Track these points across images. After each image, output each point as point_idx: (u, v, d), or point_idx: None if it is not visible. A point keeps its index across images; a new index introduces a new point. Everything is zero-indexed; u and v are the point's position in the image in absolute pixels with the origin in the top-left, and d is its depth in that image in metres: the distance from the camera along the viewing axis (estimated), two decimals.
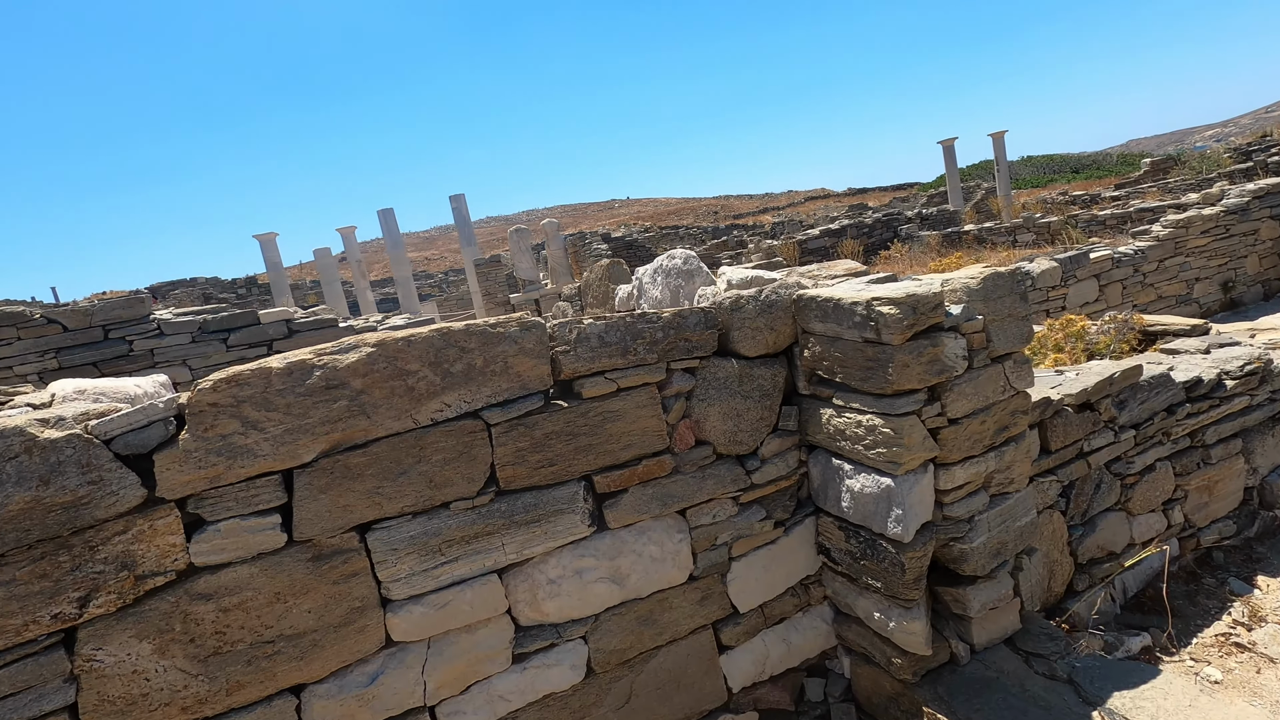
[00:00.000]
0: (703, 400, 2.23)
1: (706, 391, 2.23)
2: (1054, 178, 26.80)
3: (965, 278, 2.14)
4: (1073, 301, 8.71)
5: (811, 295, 2.20)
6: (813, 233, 19.50)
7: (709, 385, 2.23)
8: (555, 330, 2.06)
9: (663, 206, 72.48)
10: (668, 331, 2.15)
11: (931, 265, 13.38)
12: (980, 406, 2.11)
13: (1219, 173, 16.15)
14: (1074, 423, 2.94)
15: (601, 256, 17.57)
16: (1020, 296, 2.15)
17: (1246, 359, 3.45)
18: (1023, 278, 2.14)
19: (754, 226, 35.31)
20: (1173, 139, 55.40)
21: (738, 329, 2.27)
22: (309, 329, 6.62)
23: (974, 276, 2.12)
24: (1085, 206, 15.79)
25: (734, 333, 2.27)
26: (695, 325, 2.19)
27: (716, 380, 2.25)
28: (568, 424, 2.05)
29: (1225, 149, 18.65)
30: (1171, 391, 3.20)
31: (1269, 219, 9.72)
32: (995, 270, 2.11)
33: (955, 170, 20.89)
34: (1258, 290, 9.81)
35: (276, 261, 19.48)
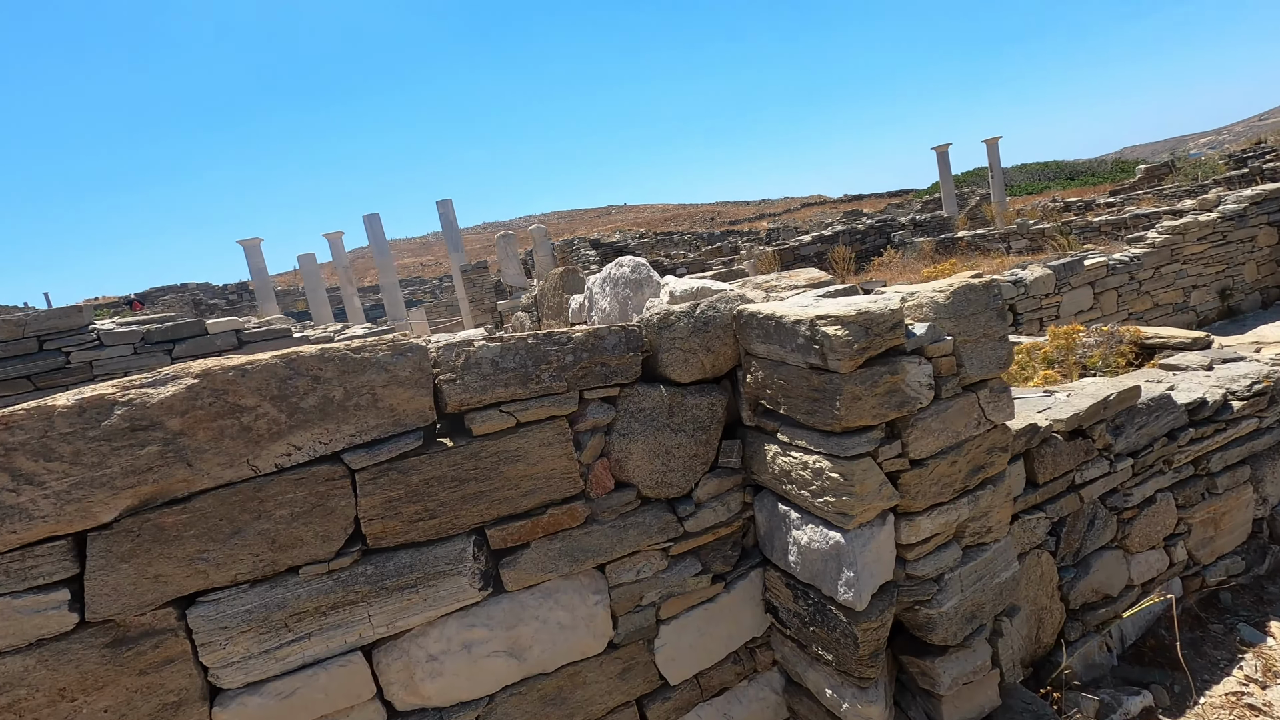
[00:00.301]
0: (624, 435, 1.88)
1: (629, 425, 1.89)
2: (1048, 184, 26.62)
3: (932, 291, 1.80)
4: (1066, 310, 8.41)
5: (752, 312, 1.86)
6: (805, 239, 19.24)
7: (632, 418, 1.89)
8: (439, 355, 1.72)
9: (659, 213, 72.47)
10: (580, 355, 1.81)
11: (924, 272, 13.09)
12: (949, 444, 1.77)
13: (1214, 179, 15.92)
14: (1064, 452, 2.61)
15: (589, 263, 17.25)
16: (997, 313, 1.81)
17: (1255, 377, 3.13)
18: (998, 291, 1.81)
19: (749, 233, 35.11)
20: (1167, 146, 55.47)
21: (667, 351, 1.92)
22: (260, 340, 6.27)
23: (942, 290, 1.78)
24: (1080, 213, 15.55)
25: (663, 355, 1.93)
26: (615, 347, 1.85)
27: (641, 412, 1.90)
28: (454, 467, 1.70)
29: (1220, 156, 18.44)
30: (1173, 415, 2.87)
31: (1266, 225, 9.46)
32: (967, 282, 1.77)
33: (949, 176, 20.66)
34: (1255, 298, 9.53)
35: (261, 267, 19.17)
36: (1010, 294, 8.00)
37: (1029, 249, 13.78)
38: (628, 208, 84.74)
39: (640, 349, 1.90)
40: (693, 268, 19.18)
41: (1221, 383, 3.15)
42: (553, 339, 1.79)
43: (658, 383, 1.95)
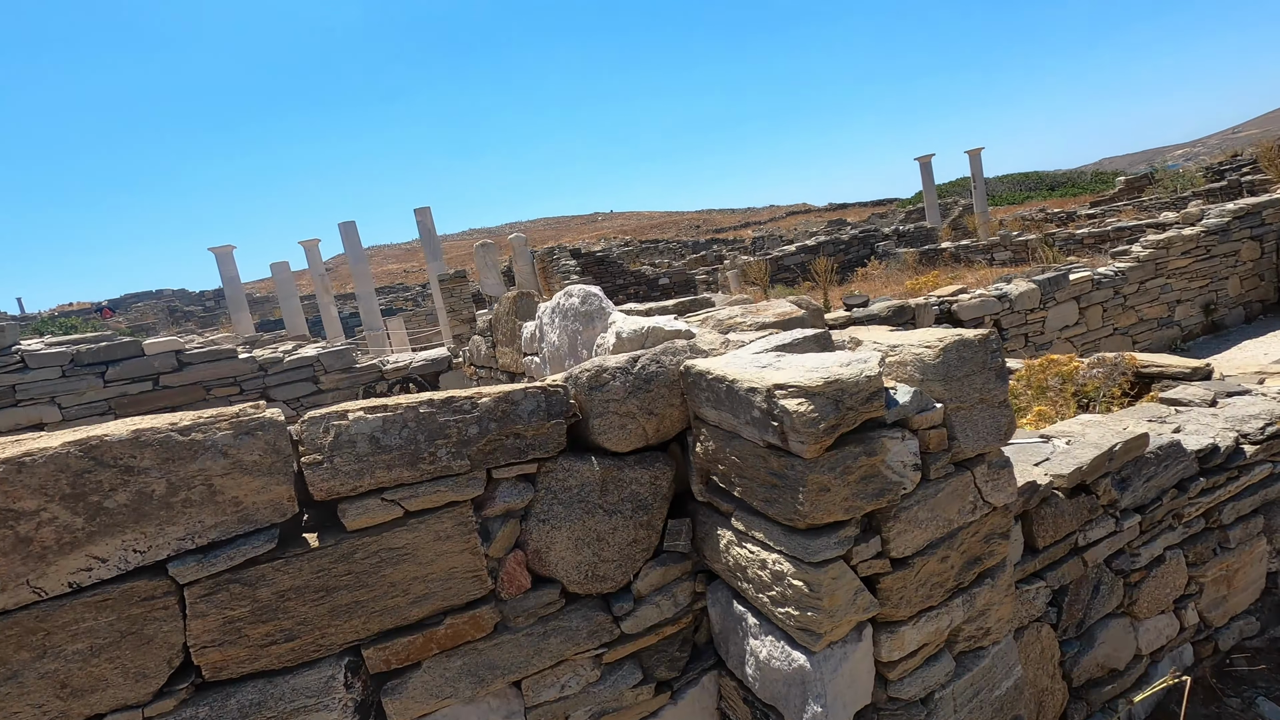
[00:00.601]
0: (546, 521, 1.54)
1: (551, 508, 1.54)
2: (1030, 195, 26.73)
3: (918, 347, 1.48)
4: (1052, 325, 8.22)
5: (700, 371, 1.53)
6: (789, 249, 19.07)
7: (555, 499, 1.55)
8: (303, 431, 1.36)
9: (645, 220, 72.56)
10: (487, 426, 1.46)
11: (908, 284, 12.91)
12: (940, 535, 1.45)
13: (1193, 191, 15.95)
14: (1066, 512, 2.30)
15: (570, 274, 16.91)
16: (995, 373, 1.49)
17: (1268, 418, 2.85)
18: (996, 346, 1.49)
19: (734, 241, 35.01)
20: (1144, 158, 56.38)
21: (600, 416, 1.58)
22: (203, 361, 5.85)
23: (929, 345, 1.46)
24: (1062, 224, 15.49)
25: (595, 421, 1.59)
26: (532, 415, 1.51)
27: (567, 491, 1.56)
28: (320, 573, 1.34)
29: (1198, 168, 18.53)
30: (1183, 464, 2.58)
31: (1249, 240, 9.35)
32: (959, 337, 1.45)
33: (933, 187, 20.59)
34: (1239, 313, 9.40)
35: (233, 275, 18.68)
36: (995, 308, 7.78)
37: (1012, 260, 13.66)
38: (614, 215, 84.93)
39: (565, 415, 1.56)
40: (674, 277, 18.90)
41: (1231, 424, 2.87)
42: (452, 406, 1.44)
43: (588, 454, 1.61)
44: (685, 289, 17.40)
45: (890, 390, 1.43)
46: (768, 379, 1.33)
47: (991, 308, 7.75)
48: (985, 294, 7.92)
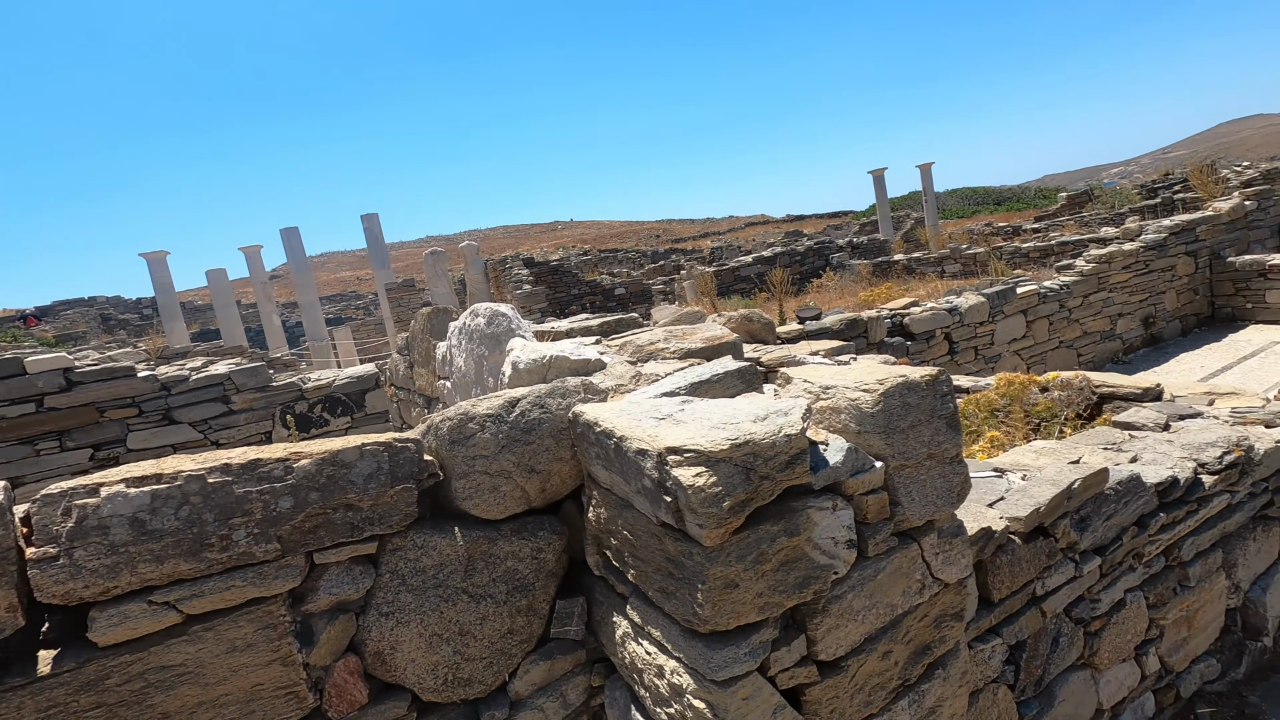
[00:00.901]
0: (389, 614, 1.20)
1: (397, 597, 1.21)
2: (978, 209, 27.46)
3: (855, 390, 1.20)
4: (1000, 338, 8.23)
5: (588, 421, 1.22)
6: (746, 260, 19.04)
7: (403, 585, 1.21)
8: (35, 514, 1.00)
9: (605, 229, 72.52)
10: (306, 496, 1.12)
11: (862, 295, 12.92)
12: (881, 626, 1.17)
13: (1129, 208, 16.51)
14: (1024, 559, 2.07)
15: (523, 283, 16.48)
16: (947, 422, 1.23)
17: (1225, 446, 2.70)
18: (947, 389, 1.23)
19: (693, 251, 35.03)
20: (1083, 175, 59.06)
21: (465, 477, 1.26)
22: (96, 380, 5.27)
23: (868, 388, 1.18)
24: (1008, 238, 15.82)
25: (459, 483, 1.26)
26: (371, 480, 1.18)
27: (420, 574, 1.23)
28: (51, 710, 0.98)
29: (1134, 185, 19.25)
30: (1143, 499, 2.39)
31: (1184, 255, 9.59)
32: (904, 380, 1.18)
33: (885, 200, 20.90)
34: (1176, 326, 9.63)
35: (167, 283, 17.71)
36: (945, 322, 7.73)
37: (962, 273, 13.84)
38: (574, 224, 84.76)
39: (418, 478, 1.23)
40: (631, 287, 18.65)
41: (1189, 452, 2.71)
42: (256, 472, 1.10)
43: (450, 523, 1.28)
44: (641, 299, 17.16)
45: (820, 446, 1.15)
46: (661, 438, 1.03)
47: (942, 321, 7.70)
48: (936, 307, 7.87)
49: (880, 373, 1.25)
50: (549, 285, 16.71)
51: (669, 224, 70.04)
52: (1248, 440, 2.77)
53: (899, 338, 7.61)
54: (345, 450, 1.16)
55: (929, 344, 7.71)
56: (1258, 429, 3.00)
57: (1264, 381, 6.96)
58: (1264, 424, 3.05)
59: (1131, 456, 2.69)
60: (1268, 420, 3.06)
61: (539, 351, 1.83)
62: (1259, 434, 2.92)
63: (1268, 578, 2.81)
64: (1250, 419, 3.11)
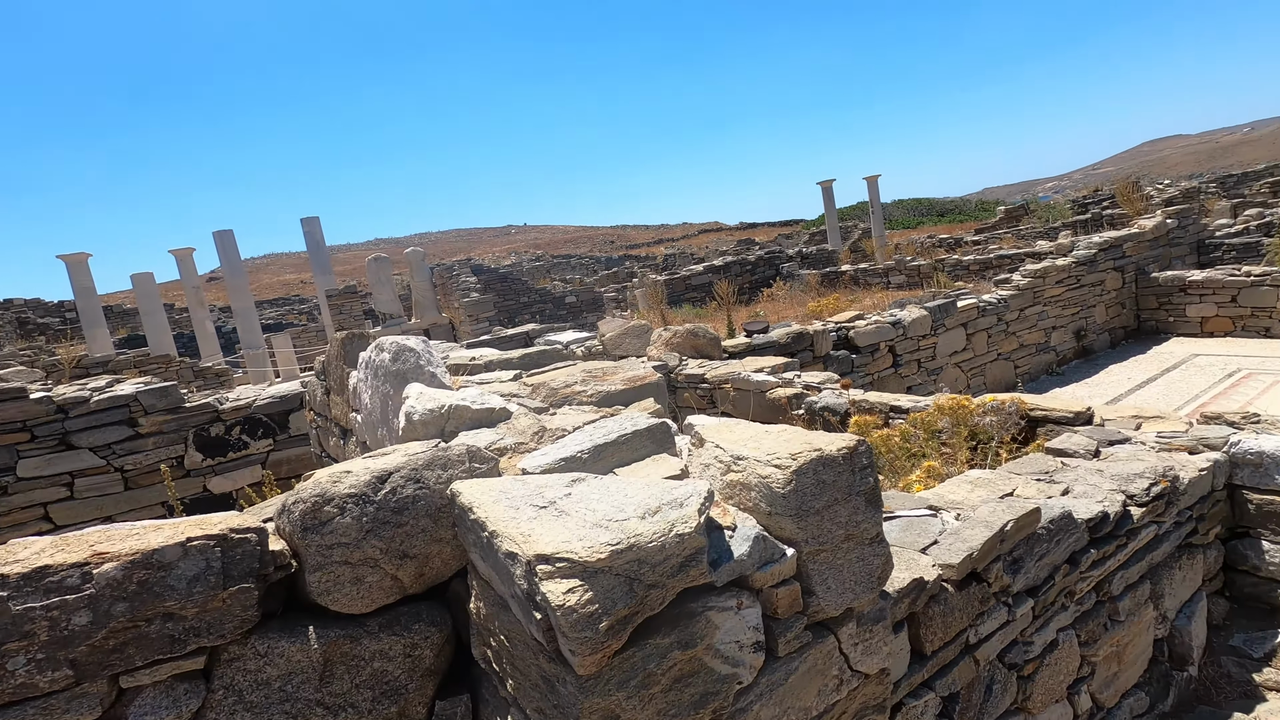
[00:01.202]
0: None
1: (231, 718, 1.02)
2: (922, 220, 28.30)
3: (766, 465, 1.08)
4: (942, 350, 8.39)
5: (464, 504, 1.07)
6: (697, 269, 19.08)
7: (238, 703, 1.02)
8: None
9: (560, 234, 72.04)
10: (109, 609, 0.92)
11: (810, 305, 13.06)
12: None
13: (1062, 222, 17.24)
14: (957, 607, 2.00)
15: (470, 291, 16.11)
16: (866, 499, 1.11)
17: (1152, 477, 2.71)
18: (867, 462, 1.12)
19: (647, 258, 35.04)
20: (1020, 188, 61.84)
21: (320, 569, 1.08)
22: None
23: (780, 464, 1.06)
24: (950, 250, 16.30)
25: (314, 575, 1.08)
26: (197, 582, 0.98)
27: (263, 686, 1.04)
28: None
29: (1066, 200, 20.16)
30: (1075, 535, 2.36)
31: (1112, 270, 9.99)
32: (819, 453, 1.07)
33: (834, 211, 21.28)
34: (1105, 338, 10.02)
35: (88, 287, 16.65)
36: (889, 335, 7.82)
37: (906, 284, 14.17)
38: (528, 228, 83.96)
39: (261, 574, 1.05)
40: (582, 295, 18.44)
41: (1117, 483, 2.71)
42: (44, 582, 0.90)
43: (305, 622, 1.10)
44: (593, 307, 16.99)
45: (726, 532, 1.02)
46: (534, 540, 0.87)
47: (886, 334, 7.79)
48: (880, 320, 7.96)
49: (794, 443, 1.13)
50: (498, 293, 16.38)
51: (624, 230, 70.13)
52: (1173, 470, 2.80)
53: (844, 350, 7.67)
54: (165, 549, 0.97)
55: (874, 357, 7.79)
56: (1182, 455, 3.04)
57: (1185, 394, 7.27)
58: (1188, 450, 3.10)
59: (1063, 488, 2.68)
60: (1191, 446, 3.11)
61: (436, 400, 1.65)
62: (1183, 461, 2.96)
63: (1192, 605, 2.84)
64: (1175, 445, 3.16)
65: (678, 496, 0.96)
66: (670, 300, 16.80)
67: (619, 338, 7.62)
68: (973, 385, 8.63)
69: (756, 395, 5.62)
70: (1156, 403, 7.06)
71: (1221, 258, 10.52)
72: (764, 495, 1.07)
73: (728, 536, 1.02)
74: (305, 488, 1.13)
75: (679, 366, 6.66)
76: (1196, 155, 78.07)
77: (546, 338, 9.95)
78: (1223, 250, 10.60)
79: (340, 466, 1.24)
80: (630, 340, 7.55)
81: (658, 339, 7.09)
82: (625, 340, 7.58)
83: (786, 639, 1.03)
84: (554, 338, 9.65)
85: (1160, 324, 9.83)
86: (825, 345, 7.52)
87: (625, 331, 7.67)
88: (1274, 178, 17.62)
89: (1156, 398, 7.32)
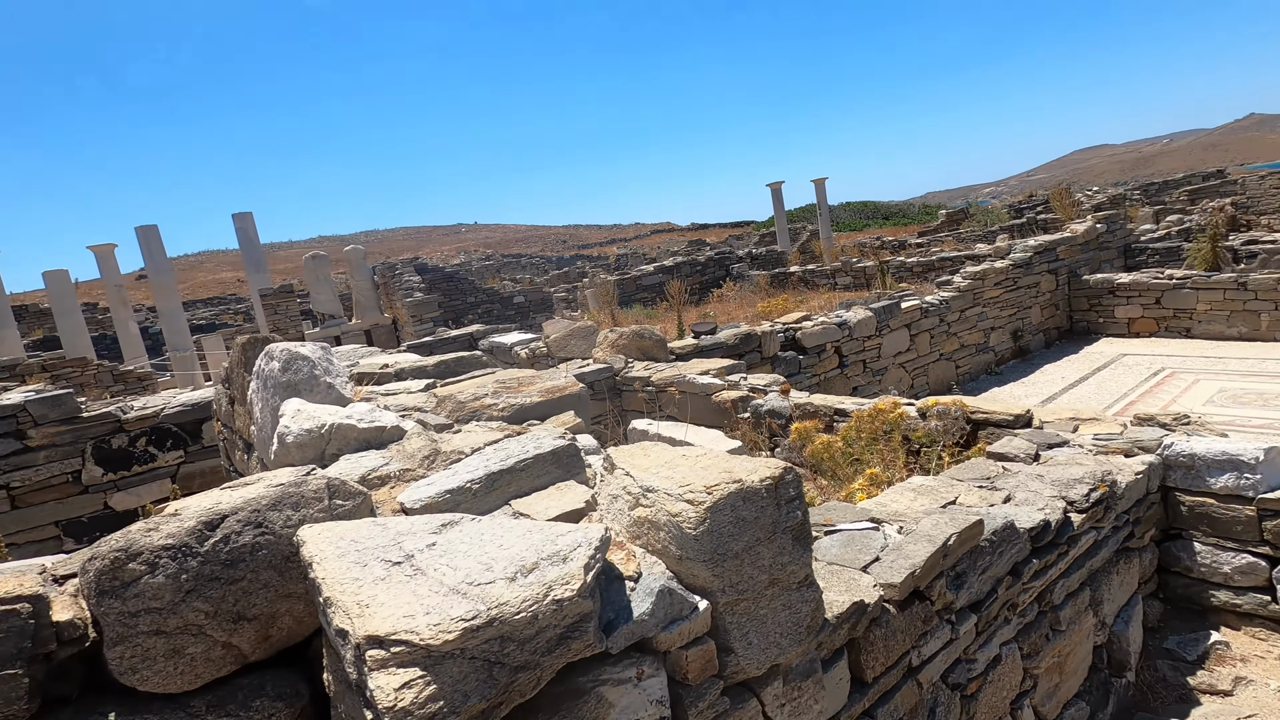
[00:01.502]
0: None
1: None
2: (868, 222, 28.94)
3: (677, 500, 0.91)
4: (887, 351, 8.47)
5: (306, 557, 0.86)
6: (648, 269, 18.98)
7: None
8: None
9: (511, 233, 71.06)
10: None
11: (760, 306, 13.10)
12: None
13: (999, 226, 17.84)
14: (899, 629, 1.89)
15: (413, 291, 15.57)
16: (794, 536, 0.96)
17: (1092, 482, 2.68)
18: (794, 493, 0.96)
19: (599, 258, 34.76)
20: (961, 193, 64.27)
21: (122, 642, 0.86)
22: None
23: (694, 500, 0.89)
24: (894, 252, 16.63)
25: (114, 651, 0.86)
26: None
27: None
28: None
29: (1003, 205, 20.90)
30: (1017, 546, 2.29)
31: (1047, 273, 10.30)
32: (738, 486, 0.91)
33: (783, 212, 21.51)
34: (1040, 339, 10.32)
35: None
36: (835, 336, 7.85)
37: (853, 285, 14.37)
38: (479, 227, 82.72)
39: (36, 653, 0.82)
40: (531, 296, 18.09)
41: (1058, 489, 2.67)
42: None
43: (106, 707, 0.88)
44: (542, 308, 16.68)
45: (627, 584, 0.85)
46: (370, 614, 0.68)
47: (832, 335, 7.81)
48: (827, 321, 7.98)
49: (713, 473, 0.96)
50: (443, 293, 15.88)
51: (577, 229, 69.74)
52: (1111, 475, 2.78)
53: (792, 352, 7.65)
54: None
55: (820, 358, 7.80)
56: (1118, 458, 3.04)
57: (1114, 392, 7.52)
58: (1123, 453, 3.10)
59: (1005, 495, 2.62)
60: (1126, 449, 3.12)
61: (315, 419, 1.43)
62: (1120, 464, 2.95)
63: (1130, 609, 2.83)
64: (1111, 447, 3.16)
65: (562, 549, 0.78)
66: (622, 300, 16.64)
67: (564, 339, 7.40)
68: (916, 385, 8.74)
69: (701, 398, 5.50)
70: (1089, 401, 7.28)
71: (1146, 261, 11.00)
72: (674, 537, 0.90)
73: (629, 590, 0.85)
74: (109, 541, 0.90)
75: (624, 369, 6.50)
76: (1122, 164, 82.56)
77: (491, 339, 9.63)
78: (1147, 254, 11.08)
79: (173, 506, 1.01)
80: (576, 342, 7.34)
81: (603, 341, 6.90)
82: (571, 342, 7.37)
83: (699, 709, 0.87)
84: (498, 339, 9.35)
85: (1091, 325, 10.19)
86: (773, 346, 7.48)
87: (571, 333, 7.45)
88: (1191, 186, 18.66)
89: (1089, 396, 7.54)
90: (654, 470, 1.04)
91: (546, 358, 7.77)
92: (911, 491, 2.68)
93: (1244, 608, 2.83)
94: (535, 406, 1.69)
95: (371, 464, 1.31)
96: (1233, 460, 2.80)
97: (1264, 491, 2.73)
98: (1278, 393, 6.62)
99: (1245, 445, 2.82)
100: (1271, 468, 2.76)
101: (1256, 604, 2.80)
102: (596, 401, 6.34)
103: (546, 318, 15.71)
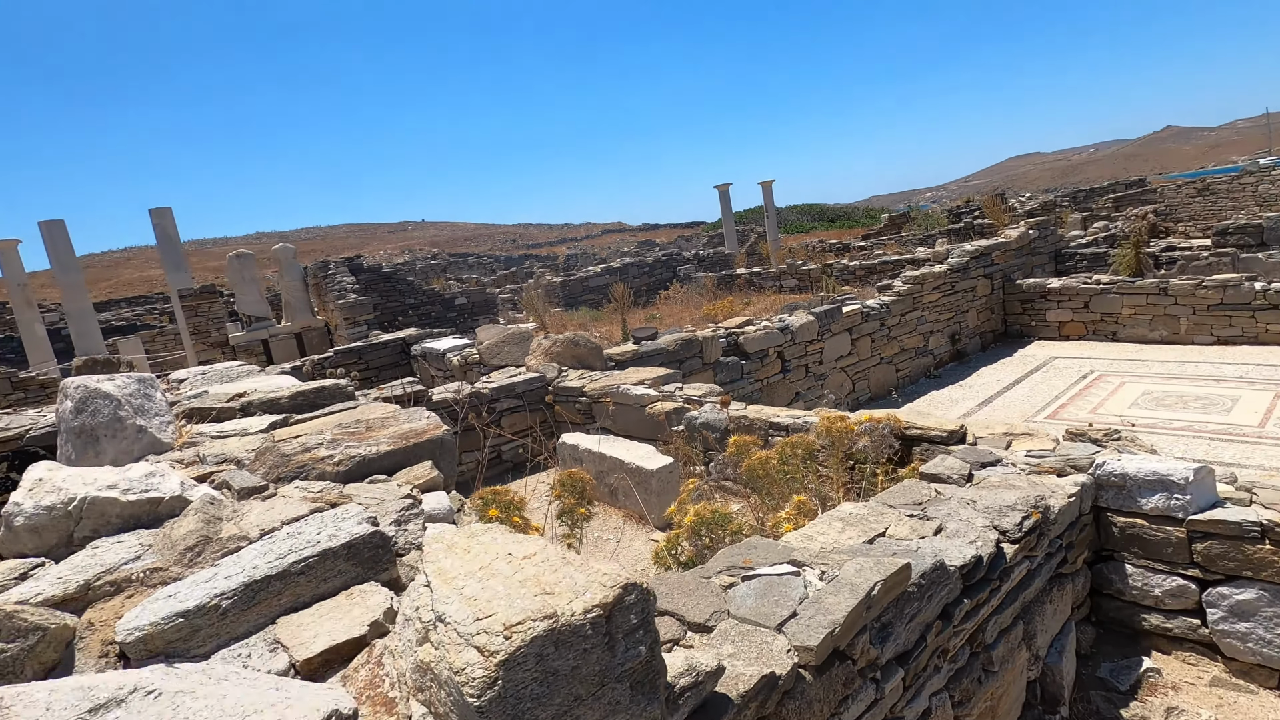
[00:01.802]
0: None
1: None
2: (814, 225, 29.34)
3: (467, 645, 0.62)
4: (829, 355, 8.41)
5: None
6: (595, 270, 18.67)
7: None
8: None
9: (460, 231, 69.57)
10: None
11: (705, 308, 12.96)
12: None
13: (939, 230, 18.25)
14: (816, 698, 1.67)
15: (347, 292, 14.84)
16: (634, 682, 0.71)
17: (1025, 509, 2.54)
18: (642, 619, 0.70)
19: (548, 258, 34.16)
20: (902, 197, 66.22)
21: None
22: None
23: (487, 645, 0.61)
24: (839, 255, 16.79)
25: None
26: None
27: None
28: None
29: (942, 210, 21.42)
30: (948, 588, 2.11)
31: (983, 277, 10.47)
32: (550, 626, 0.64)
33: (730, 214, 21.51)
34: (977, 342, 10.48)
35: None
36: (778, 340, 7.73)
37: (798, 288, 14.40)
38: (426, 224, 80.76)
39: None
40: (475, 297, 17.52)
41: (990, 516, 2.52)
42: None
43: None
44: (485, 310, 16.16)
45: None
46: None
47: (775, 339, 7.69)
48: (770, 326, 7.86)
49: (529, 596, 0.69)
50: (380, 294, 15.18)
51: (527, 228, 68.83)
52: (1044, 500, 2.65)
53: (734, 357, 7.49)
54: None
55: (763, 362, 7.67)
56: (1051, 479, 2.93)
57: (1046, 395, 7.63)
58: (1056, 472, 3.00)
59: (937, 525, 2.45)
60: (1059, 468, 3.01)
61: (63, 492, 1.10)
62: (1053, 485, 2.84)
63: (1063, 638, 2.71)
64: (1044, 466, 3.05)
65: None
66: (568, 302, 16.28)
67: (497, 346, 7.05)
68: (858, 389, 8.71)
69: (636, 410, 5.25)
70: (1023, 405, 7.35)
71: (1075, 266, 11.31)
72: (455, 704, 0.63)
73: None
74: None
75: (558, 378, 6.20)
76: (1052, 171, 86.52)
77: (424, 344, 9.17)
78: (1076, 259, 11.40)
79: None
80: (509, 349, 6.99)
81: (537, 348, 6.58)
82: (504, 349, 7.02)
83: None
84: (431, 345, 8.90)
85: (1024, 328, 10.40)
86: (714, 352, 7.30)
87: (504, 339, 7.10)
88: (1116, 194, 19.49)
89: (1022, 400, 7.62)
90: (465, 579, 0.77)
91: (479, 365, 7.39)
92: (840, 522, 2.49)
93: (1174, 631, 2.74)
94: (382, 457, 1.39)
95: (118, 558, 0.99)
96: (1163, 480, 2.71)
97: (1194, 513, 2.65)
98: (1195, 395, 6.81)
99: (1175, 465, 2.74)
100: (1201, 488, 2.68)
101: (1186, 628, 2.72)
102: (528, 413, 6.01)
103: (490, 320, 15.21)
